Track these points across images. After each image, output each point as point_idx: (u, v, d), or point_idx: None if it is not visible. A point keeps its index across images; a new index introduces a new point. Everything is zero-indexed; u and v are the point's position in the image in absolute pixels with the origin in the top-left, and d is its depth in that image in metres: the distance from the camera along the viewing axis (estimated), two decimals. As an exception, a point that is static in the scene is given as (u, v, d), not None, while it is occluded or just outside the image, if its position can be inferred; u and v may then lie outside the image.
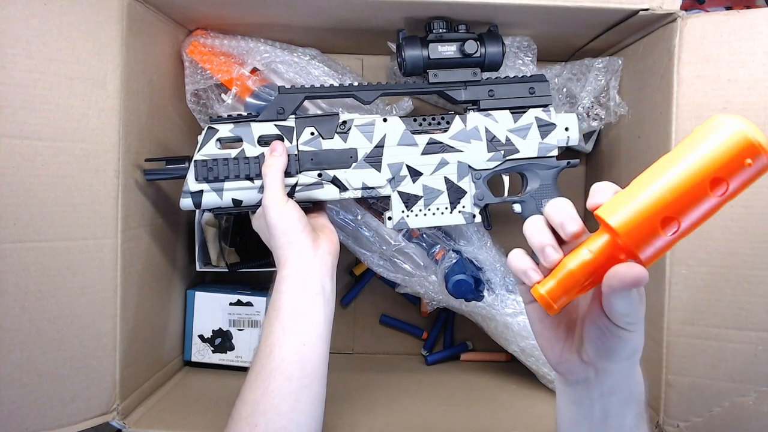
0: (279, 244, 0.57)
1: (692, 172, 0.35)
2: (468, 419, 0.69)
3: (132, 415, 0.66)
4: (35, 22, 0.55)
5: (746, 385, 0.61)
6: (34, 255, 0.57)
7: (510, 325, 0.74)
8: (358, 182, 0.63)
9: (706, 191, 0.35)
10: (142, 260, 0.68)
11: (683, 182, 0.35)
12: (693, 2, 1.02)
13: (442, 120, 0.66)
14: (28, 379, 0.57)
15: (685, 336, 0.63)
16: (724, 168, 0.35)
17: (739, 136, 0.34)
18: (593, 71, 0.76)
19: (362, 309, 0.91)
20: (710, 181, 0.35)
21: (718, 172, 0.35)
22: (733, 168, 0.35)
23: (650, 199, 0.36)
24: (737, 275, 0.61)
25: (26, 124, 0.55)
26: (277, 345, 0.54)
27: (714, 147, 0.35)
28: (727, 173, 0.35)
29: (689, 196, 0.35)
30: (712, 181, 0.35)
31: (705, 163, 0.35)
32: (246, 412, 0.52)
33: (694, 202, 0.35)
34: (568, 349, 0.43)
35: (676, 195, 0.35)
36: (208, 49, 0.73)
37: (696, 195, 0.35)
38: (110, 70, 0.61)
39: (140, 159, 0.66)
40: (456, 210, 0.65)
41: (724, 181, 0.35)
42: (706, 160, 0.35)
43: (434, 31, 0.65)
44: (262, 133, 0.62)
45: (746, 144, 0.34)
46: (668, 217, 0.36)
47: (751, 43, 0.60)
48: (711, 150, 0.35)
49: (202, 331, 0.81)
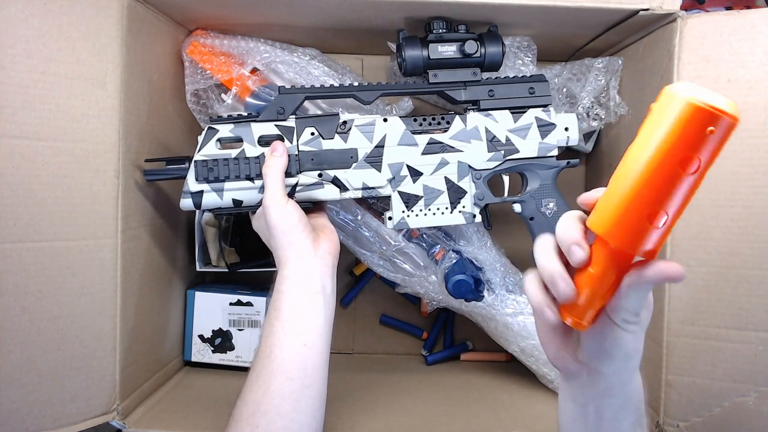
0: (279, 244, 0.57)
1: (659, 160, 0.34)
2: (468, 419, 0.69)
3: (132, 415, 0.66)
4: (35, 22, 0.55)
5: (746, 385, 0.61)
6: (34, 255, 0.57)
7: (510, 325, 0.74)
8: (358, 182, 0.63)
9: (679, 174, 0.33)
10: (142, 260, 0.68)
11: (654, 173, 0.34)
12: (693, 2, 1.02)
13: (442, 120, 0.66)
14: (28, 379, 0.57)
15: (685, 336, 0.63)
16: (687, 145, 0.33)
17: (690, 108, 0.32)
18: (593, 71, 0.76)
19: (362, 309, 0.91)
20: (680, 163, 0.33)
21: (684, 152, 0.33)
22: (696, 142, 0.32)
23: (629, 199, 0.35)
24: (737, 275, 0.61)
25: (26, 124, 0.55)
26: (278, 345, 0.54)
27: (671, 126, 0.33)
28: (693, 149, 0.33)
29: (665, 185, 0.34)
30: (682, 162, 0.33)
31: (668, 146, 0.33)
32: (247, 413, 0.52)
33: (671, 189, 0.34)
34: (565, 346, 0.43)
35: (651, 188, 0.34)
36: (208, 49, 0.73)
37: (671, 181, 0.34)
38: (110, 70, 0.61)
39: (140, 159, 0.66)
40: (456, 210, 0.65)
41: (694, 158, 0.33)
42: (668, 143, 0.33)
43: (434, 31, 0.65)
44: (262, 134, 0.62)
45: (700, 114, 0.32)
46: (653, 211, 0.34)
47: (751, 43, 0.60)
48: (669, 130, 0.33)
49: (202, 331, 0.81)
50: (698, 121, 0.32)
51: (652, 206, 0.34)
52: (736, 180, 0.60)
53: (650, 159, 0.34)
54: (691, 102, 0.32)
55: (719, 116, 0.32)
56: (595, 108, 0.77)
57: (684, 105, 0.32)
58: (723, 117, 0.32)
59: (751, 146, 0.60)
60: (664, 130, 0.33)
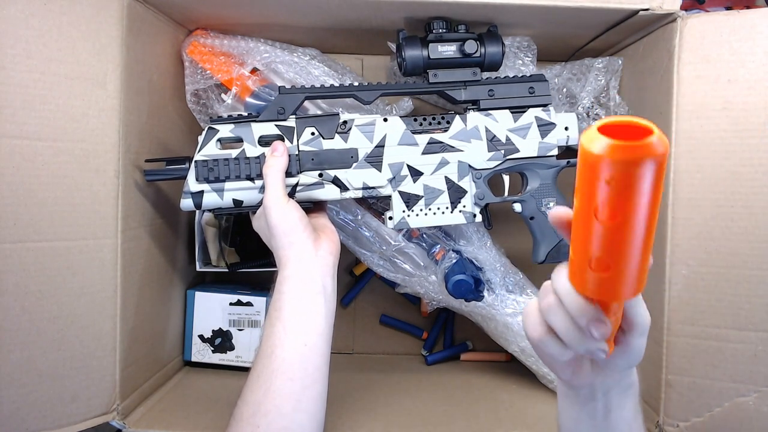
0: (280, 244, 0.57)
1: (576, 208, 0.32)
2: (468, 419, 0.69)
3: (132, 415, 0.66)
4: (35, 22, 0.55)
5: (746, 385, 0.61)
6: (34, 255, 0.57)
7: (510, 325, 0.74)
8: (358, 182, 0.63)
9: (592, 220, 0.30)
10: (142, 260, 0.68)
11: (576, 222, 0.32)
12: (693, 2, 1.02)
13: (442, 120, 0.66)
14: (28, 379, 0.57)
15: (685, 336, 0.63)
16: (588, 192, 0.29)
17: (580, 151, 0.28)
18: (593, 71, 0.76)
19: (362, 309, 0.91)
20: (593, 210, 0.30)
21: (588, 198, 0.30)
22: (591, 187, 0.29)
23: (572, 250, 0.34)
24: (737, 275, 0.61)
25: (26, 124, 0.55)
26: (279, 345, 0.54)
27: (579, 171, 0.30)
28: (592, 195, 0.29)
29: (586, 235, 0.31)
30: (594, 209, 0.30)
31: (578, 194, 0.31)
32: (248, 413, 0.52)
33: (590, 236, 0.31)
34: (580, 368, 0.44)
35: (578, 237, 0.33)
36: (208, 49, 0.73)
37: (588, 229, 0.31)
38: (110, 70, 0.61)
39: (140, 159, 0.66)
40: (457, 209, 0.65)
41: (596, 203, 0.30)
42: (577, 190, 0.31)
43: (434, 31, 0.65)
44: (262, 134, 0.62)
45: (588, 157, 0.28)
46: (594, 259, 0.32)
47: (751, 43, 0.60)
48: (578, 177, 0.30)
49: (202, 331, 0.81)
50: (588, 164, 0.28)
51: (586, 254, 0.33)
52: (736, 180, 0.60)
53: (574, 207, 0.32)
54: (581, 144, 0.28)
55: (600, 158, 0.27)
56: (595, 108, 0.77)
57: (582, 153, 0.29)
58: (604, 159, 0.27)
59: (751, 146, 0.60)
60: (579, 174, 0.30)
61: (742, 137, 0.60)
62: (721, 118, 0.61)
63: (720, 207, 0.61)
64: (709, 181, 0.61)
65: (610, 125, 0.28)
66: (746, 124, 0.60)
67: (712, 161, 0.61)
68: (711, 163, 0.61)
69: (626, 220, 0.29)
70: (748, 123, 0.60)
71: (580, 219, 0.32)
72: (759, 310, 0.60)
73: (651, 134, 0.26)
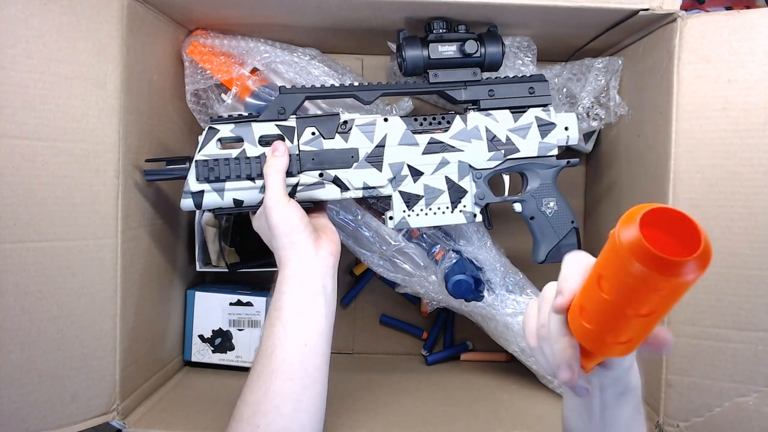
0: (281, 244, 0.57)
1: (598, 288, 0.33)
2: (468, 419, 0.69)
3: (132, 415, 0.66)
4: (35, 22, 0.55)
5: (746, 385, 0.61)
6: (34, 255, 0.57)
7: (510, 325, 0.74)
8: (359, 182, 0.63)
9: (628, 315, 0.33)
10: (142, 260, 0.68)
11: (599, 303, 0.34)
12: (693, 2, 1.02)
13: (442, 120, 0.66)
14: (28, 379, 0.57)
15: (685, 336, 0.63)
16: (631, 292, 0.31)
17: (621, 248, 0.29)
18: (593, 71, 0.76)
19: (362, 309, 0.91)
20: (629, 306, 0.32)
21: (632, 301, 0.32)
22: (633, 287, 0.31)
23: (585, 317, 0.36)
24: (737, 275, 0.61)
25: (26, 124, 0.55)
26: (279, 345, 0.54)
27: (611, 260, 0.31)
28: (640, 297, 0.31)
29: (614, 320, 0.34)
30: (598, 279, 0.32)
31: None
32: (248, 413, 0.52)
33: (621, 323, 0.34)
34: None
35: (596, 314, 0.35)
36: (208, 49, 0.73)
37: (620, 318, 0.34)
38: (110, 70, 0.61)
39: (140, 159, 0.66)
40: (457, 209, 0.65)
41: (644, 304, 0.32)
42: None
43: (434, 31, 0.65)
44: (263, 133, 0.62)
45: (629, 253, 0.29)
46: (611, 334, 0.35)
47: (751, 43, 0.60)
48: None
49: (202, 331, 0.81)
50: (625, 267, 0.29)
51: (600, 326, 0.35)
52: (736, 180, 0.61)
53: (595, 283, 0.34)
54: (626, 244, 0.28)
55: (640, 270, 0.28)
56: (595, 108, 0.77)
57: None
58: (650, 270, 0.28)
59: (751, 146, 0.60)
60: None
61: (742, 137, 0.60)
62: (721, 118, 0.61)
63: (720, 207, 0.61)
64: (709, 181, 0.61)
65: (654, 212, 0.28)
66: (746, 124, 0.60)
67: (712, 161, 0.61)
68: (711, 163, 0.61)
69: (662, 313, 0.33)
70: (748, 123, 0.60)
71: (605, 303, 0.33)
72: (759, 310, 0.60)
73: (698, 245, 0.27)
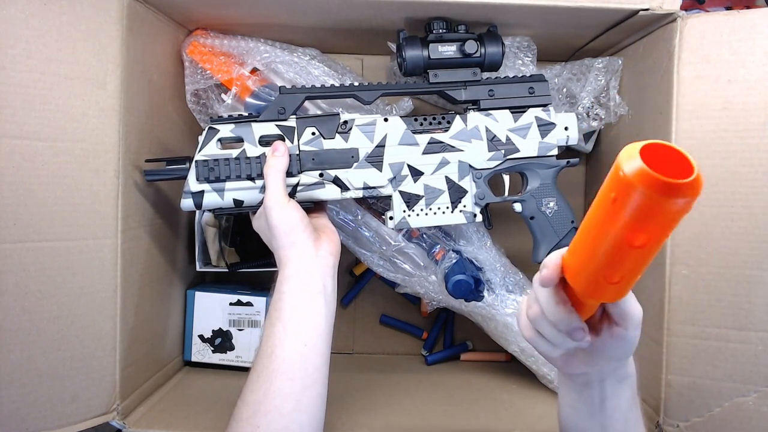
0: (281, 244, 0.56)
1: (598, 223, 0.34)
2: (468, 419, 0.69)
3: (132, 415, 0.65)
4: (35, 22, 0.55)
5: (746, 385, 0.61)
6: (34, 255, 0.57)
7: (510, 325, 0.74)
8: (359, 182, 0.63)
9: (625, 246, 0.32)
10: (142, 260, 0.68)
11: (594, 238, 0.35)
12: (693, 2, 1.02)
13: (442, 120, 0.66)
14: (28, 379, 0.57)
15: (685, 336, 0.63)
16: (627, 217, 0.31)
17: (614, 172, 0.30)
18: (593, 71, 0.76)
19: (362, 309, 0.91)
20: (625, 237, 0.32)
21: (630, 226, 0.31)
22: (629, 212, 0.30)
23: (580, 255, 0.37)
24: (737, 275, 0.61)
25: (26, 124, 0.55)
26: (279, 345, 0.54)
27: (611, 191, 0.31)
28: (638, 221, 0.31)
29: (605, 251, 0.34)
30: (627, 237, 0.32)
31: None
32: (248, 413, 0.52)
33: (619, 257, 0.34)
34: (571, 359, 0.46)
35: (590, 250, 0.36)
36: (208, 49, 0.73)
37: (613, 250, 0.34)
38: (110, 70, 0.61)
39: (140, 159, 0.66)
40: (457, 209, 0.65)
41: (639, 232, 0.31)
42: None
43: (434, 31, 0.65)
44: (263, 133, 0.62)
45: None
46: (605, 271, 0.36)
47: (751, 43, 0.60)
48: None
49: (202, 331, 0.81)
50: (623, 187, 0.29)
51: (597, 265, 0.36)
52: (736, 180, 0.61)
53: (593, 219, 0.34)
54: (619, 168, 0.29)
55: (636, 186, 0.28)
56: (595, 108, 0.77)
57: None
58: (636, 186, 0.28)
59: (751, 146, 0.60)
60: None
61: (742, 137, 0.60)
62: (721, 118, 0.61)
63: (720, 207, 0.61)
64: (709, 181, 0.61)
65: (650, 147, 0.29)
66: (746, 124, 0.60)
67: (712, 161, 0.61)
68: (711, 163, 0.61)
69: (654, 245, 0.32)
70: (748, 123, 0.60)
71: (602, 237, 0.33)
72: (759, 310, 0.60)
73: (691, 173, 0.28)
